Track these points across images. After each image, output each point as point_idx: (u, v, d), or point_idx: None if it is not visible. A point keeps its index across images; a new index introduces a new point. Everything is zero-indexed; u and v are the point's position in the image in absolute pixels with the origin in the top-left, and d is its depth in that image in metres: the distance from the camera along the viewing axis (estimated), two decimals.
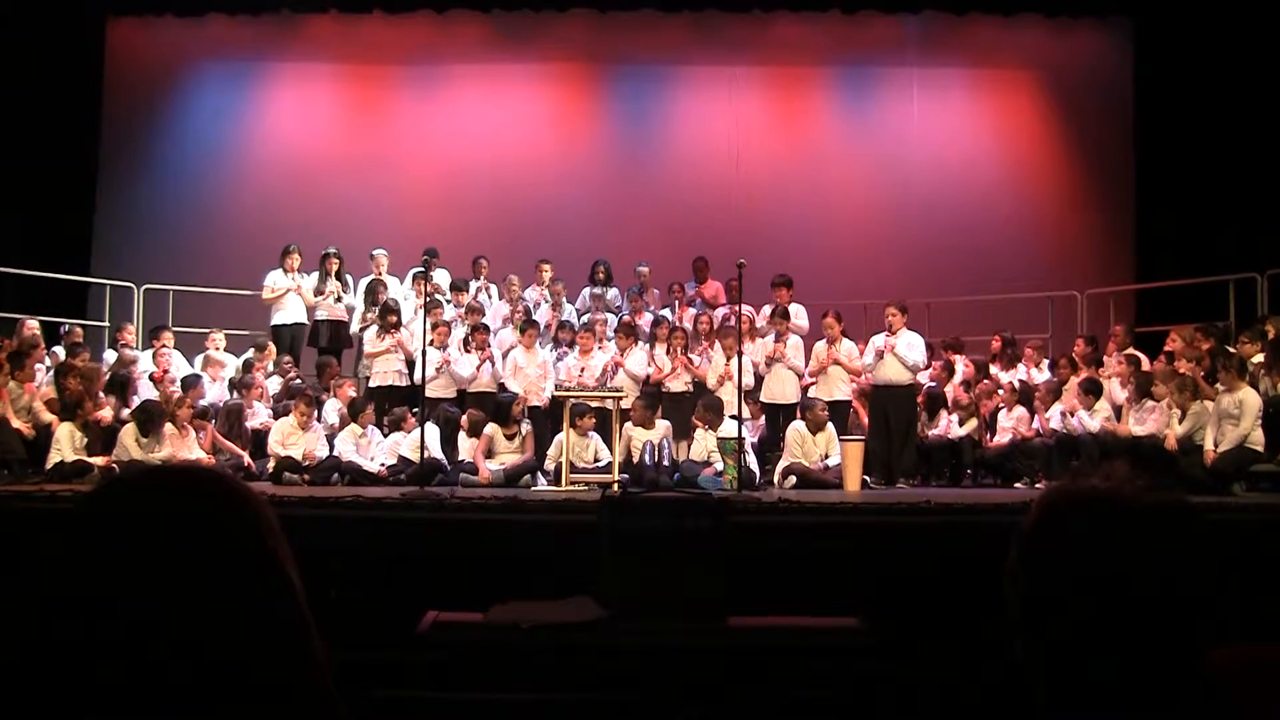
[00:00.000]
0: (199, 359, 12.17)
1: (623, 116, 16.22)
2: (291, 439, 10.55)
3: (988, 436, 11.42)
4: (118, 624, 1.21)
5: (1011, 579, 1.45)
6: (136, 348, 12.16)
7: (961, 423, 11.33)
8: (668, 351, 11.52)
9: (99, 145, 15.37)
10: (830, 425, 10.67)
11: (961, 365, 12.08)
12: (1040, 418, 10.92)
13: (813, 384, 11.43)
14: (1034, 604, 1.41)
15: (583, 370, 11.41)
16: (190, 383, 11.16)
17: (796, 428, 10.67)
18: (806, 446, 10.57)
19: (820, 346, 11.34)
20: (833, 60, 16.32)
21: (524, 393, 11.25)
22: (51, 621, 1.21)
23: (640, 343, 11.83)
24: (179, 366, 11.86)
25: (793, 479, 10.35)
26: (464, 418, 10.95)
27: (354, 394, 11.57)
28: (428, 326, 10.25)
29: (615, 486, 9.63)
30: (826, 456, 10.53)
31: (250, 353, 12.16)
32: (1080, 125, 15.70)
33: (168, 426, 10.17)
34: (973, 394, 11.53)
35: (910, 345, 10.90)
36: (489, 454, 10.69)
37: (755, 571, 5.60)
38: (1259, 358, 10.21)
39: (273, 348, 12.28)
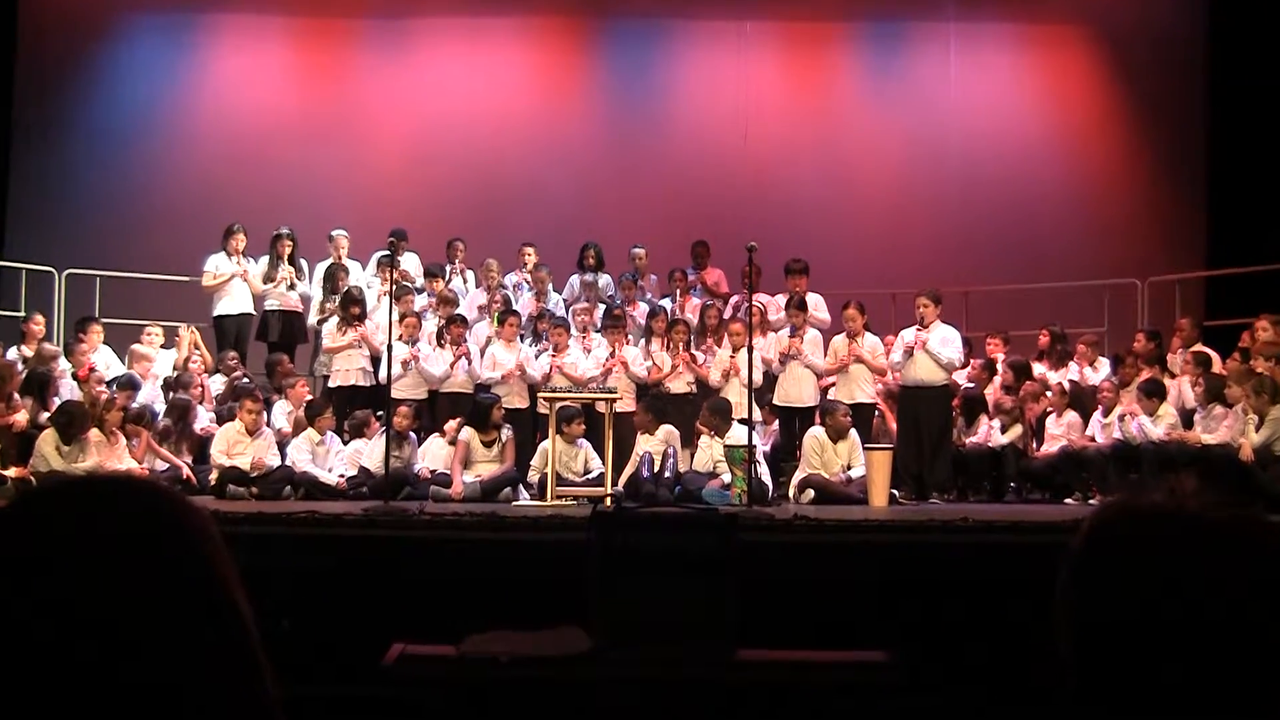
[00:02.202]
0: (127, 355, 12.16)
1: (616, 79, 16.20)
2: (238, 447, 10.52)
3: (1034, 445, 11.42)
4: (35, 661, 1.20)
5: (1061, 607, 1.45)
6: (56, 341, 12.14)
7: (1004, 429, 11.32)
8: (667, 347, 11.50)
9: (11, 109, 15.30)
10: (854, 432, 10.67)
11: (1000, 367, 12.05)
12: (1095, 423, 10.92)
13: (832, 385, 11.43)
14: (1086, 635, 1.42)
15: (546, 359, 11.42)
16: (124, 383, 11.15)
17: (815, 435, 10.67)
18: (826, 456, 10.57)
19: (840, 341, 11.34)
20: (857, 14, 16.32)
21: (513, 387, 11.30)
22: None
23: (635, 337, 11.83)
24: (109, 364, 11.84)
25: (810, 493, 10.36)
26: (451, 425, 10.96)
27: (309, 394, 11.56)
28: (395, 318, 10.25)
29: (608, 501, 9.64)
30: (849, 468, 10.53)
31: (178, 344, 12.13)
32: (1142, 88, 15.67)
33: (94, 432, 10.14)
34: (1017, 396, 11.51)
35: (944, 340, 10.89)
36: (465, 463, 10.69)
37: (768, 598, 5.61)
38: None
39: (193, 330, 12.25)
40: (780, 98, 15.93)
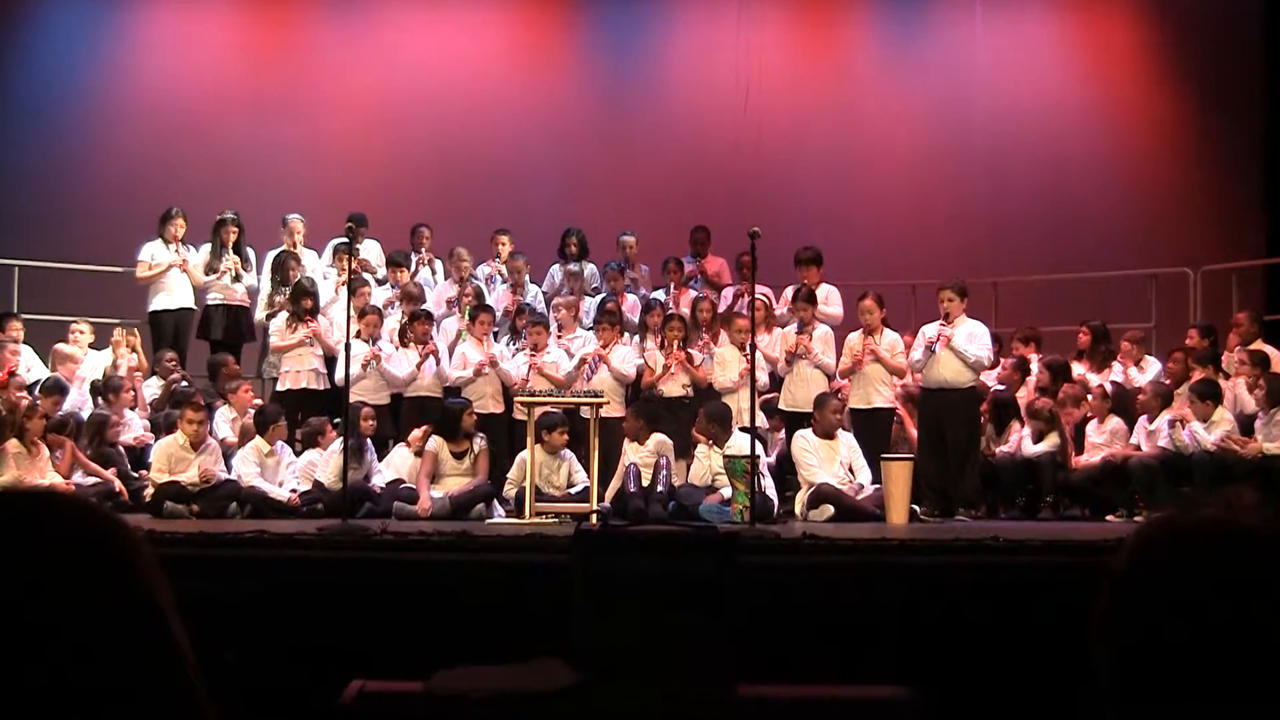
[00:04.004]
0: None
1: (603, 46, 16.20)
2: (180, 465, 10.44)
3: (1073, 454, 11.40)
4: None
5: (1101, 634, 1.45)
6: None
7: (1040, 436, 11.31)
8: (661, 345, 11.49)
9: None
10: (848, 435, 10.67)
11: (1035, 367, 12.05)
12: (1141, 430, 10.94)
13: (845, 387, 11.43)
14: (1130, 666, 1.41)
15: (523, 359, 11.42)
16: (50, 387, 11.12)
17: (802, 438, 10.65)
18: (823, 458, 10.57)
19: (855, 338, 11.34)
20: None
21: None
22: None
23: (627, 334, 11.82)
24: (30, 366, 11.81)
25: (828, 510, 10.32)
26: (417, 433, 10.95)
27: (255, 400, 11.53)
28: (353, 313, 10.23)
29: (593, 518, 9.64)
30: (852, 471, 10.55)
31: (112, 345, 12.09)
32: (1193, 56, 15.68)
33: (12, 443, 10.13)
34: (1054, 400, 11.50)
35: (971, 337, 10.89)
36: (433, 476, 10.68)
37: (773, 626, 5.61)
38: None
39: (135, 333, 12.21)
40: (786, 66, 15.93)
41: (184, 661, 1.31)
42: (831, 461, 10.57)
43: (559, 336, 11.86)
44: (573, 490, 10.62)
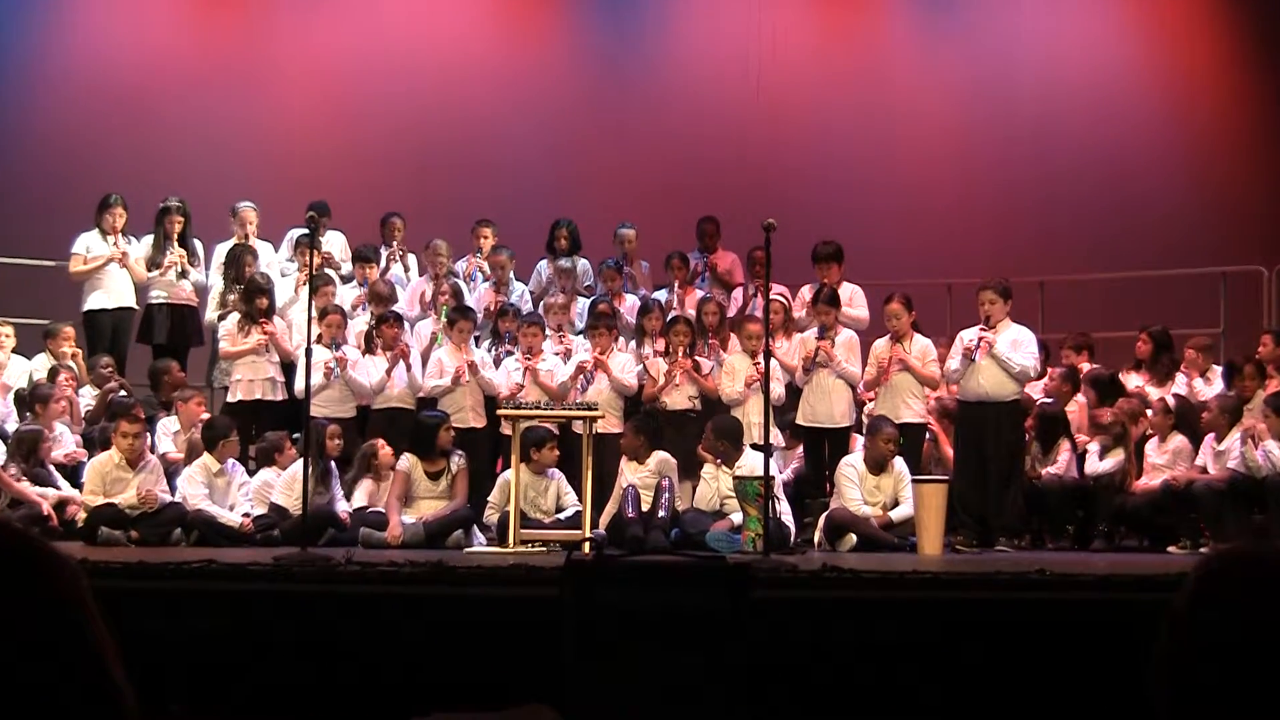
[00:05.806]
0: None
1: (598, 19, 16.22)
2: (117, 485, 10.43)
3: (1133, 476, 11.34)
4: None
5: (1161, 681, 1.45)
6: None
7: (1103, 453, 11.24)
8: (666, 351, 11.47)
9: None
10: (900, 461, 10.65)
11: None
12: (1207, 450, 10.92)
13: (871, 399, 11.42)
14: (1193, 710, 1.42)
15: (513, 364, 11.40)
16: None
17: (850, 466, 10.64)
18: (868, 491, 10.56)
19: (882, 345, 11.34)
20: None
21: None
22: None
23: (623, 339, 11.81)
24: None
25: (852, 539, 10.33)
26: (387, 450, 10.95)
27: (204, 413, 11.52)
28: (314, 314, 10.23)
29: (586, 547, 9.64)
30: (896, 504, 10.54)
31: (42, 358, 12.07)
32: (1267, 30, 15.69)
33: None
34: (1115, 411, 11.43)
35: (1015, 344, 10.87)
36: (405, 500, 10.68)
37: (789, 669, 5.61)
38: None
39: (70, 333, 12.19)
40: (805, 39, 15.96)
41: (124, 709, 1.31)
42: (877, 499, 10.55)
43: (561, 339, 11.79)
44: (563, 515, 10.60)
